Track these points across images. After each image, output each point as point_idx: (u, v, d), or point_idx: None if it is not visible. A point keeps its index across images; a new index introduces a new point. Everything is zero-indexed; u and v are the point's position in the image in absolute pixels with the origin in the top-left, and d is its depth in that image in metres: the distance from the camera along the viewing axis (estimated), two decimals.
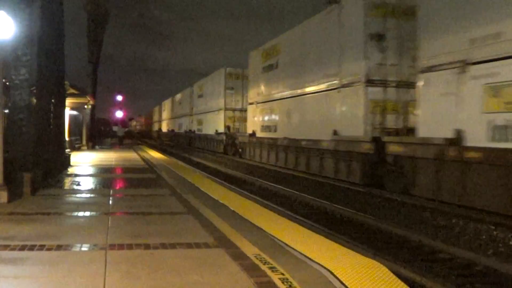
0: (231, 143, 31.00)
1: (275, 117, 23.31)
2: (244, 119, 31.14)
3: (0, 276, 4.59)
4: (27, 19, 10.36)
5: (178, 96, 56.57)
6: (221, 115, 34.13)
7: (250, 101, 27.53)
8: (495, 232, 9.14)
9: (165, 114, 68.71)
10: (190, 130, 46.30)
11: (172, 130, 58.27)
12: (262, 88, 25.21)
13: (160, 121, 74.49)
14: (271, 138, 23.06)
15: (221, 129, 33.56)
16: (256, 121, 26.15)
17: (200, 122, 42.41)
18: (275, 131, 22.92)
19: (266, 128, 24.53)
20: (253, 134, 26.16)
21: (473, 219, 10.02)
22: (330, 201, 12.91)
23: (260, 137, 24.98)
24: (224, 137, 32.41)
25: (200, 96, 42.56)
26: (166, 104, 67.75)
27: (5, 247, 5.62)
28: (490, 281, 6.64)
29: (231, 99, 33.20)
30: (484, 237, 9.00)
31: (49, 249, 5.58)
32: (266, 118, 24.65)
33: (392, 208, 11.93)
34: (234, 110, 33.32)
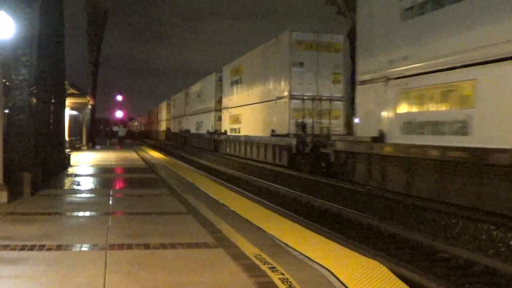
0: (311, 153, 19.97)
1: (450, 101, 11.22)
2: (322, 113, 21.62)
3: (0, 276, 4.60)
4: (27, 19, 10.36)
5: (196, 87, 44.85)
6: (281, 108, 22.38)
7: (364, 76, 15.07)
8: (495, 232, 9.14)
9: (176, 111, 57.80)
10: (216, 131, 35.44)
11: (187, 131, 47.54)
12: (406, 48, 12.95)
13: (168, 120, 64.37)
14: (459, 149, 10.62)
15: (282, 129, 22.11)
16: (386, 113, 13.81)
17: (236, 120, 30.48)
18: (468, 131, 10.67)
19: (423, 126, 12.11)
20: (379, 138, 13.83)
21: (473, 219, 10.02)
22: (329, 200, 12.89)
23: (411, 145, 12.26)
24: (293, 142, 20.59)
25: (235, 82, 30.72)
26: (177, 99, 56.71)
27: (5, 247, 5.62)
28: (490, 281, 6.64)
29: (299, 80, 21.45)
30: (484, 237, 9.00)
31: (49, 249, 5.58)
32: (424, 105, 12.12)
33: (392, 208, 11.91)
34: (303, 98, 21.47)
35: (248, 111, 27.92)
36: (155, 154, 28.68)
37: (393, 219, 10.77)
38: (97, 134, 44.55)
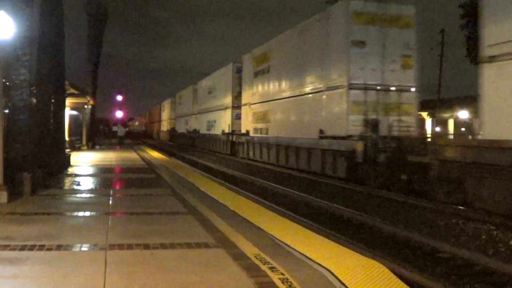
0: (388, 162, 14.80)
1: None
2: (389, 107, 16.40)
3: (0, 276, 4.60)
4: (27, 19, 10.36)
5: (207, 82, 39.16)
6: (334, 101, 17.13)
7: (497, 49, 10.69)
8: (495, 232, 9.14)
9: (182, 109, 53.01)
10: (233, 132, 30.38)
11: (195, 131, 42.82)
12: None
13: (173, 119, 59.42)
14: None
15: (336, 128, 16.89)
16: None
17: (262, 118, 24.85)
18: None
19: None
20: None
21: (473, 219, 10.02)
22: (330, 200, 12.89)
23: None
24: (358, 146, 15.24)
25: (261, 72, 25.00)
26: (184, 96, 51.71)
27: (5, 247, 5.62)
28: (490, 281, 6.64)
29: (361, 65, 16.27)
30: (484, 237, 9.00)
31: (49, 249, 5.58)
32: None
33: (392, 208, 11.91)
34: (366, 88, 16.23)
35: (280, 107, 22.38)
36: (154, 154, 28.63)
37: (393, 219, 10.77)
38: (97, 134, 44.24)
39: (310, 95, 19.06)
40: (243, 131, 28.08)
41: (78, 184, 12.12)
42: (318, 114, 18.39)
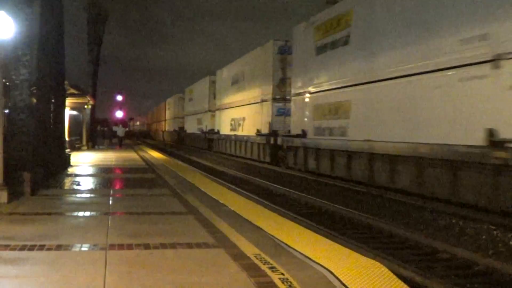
0: None
1: None
2: None
3: (0, 276, 4.60)
4: (27, 19, 10.37)
5: (230, 71, 31.44)
6: None
7: None
8: (495, 232, 9.14)
9: (193, 106, 45.47)
10: (275, 132, 22.16)
11: (212, 131, 35.67)
12: None
13: (180, 117, 52.72)
14: None
15: None
16: None
17: (335, 112, 16.54)
18: None
19: None
20: None
21: (473, 219, 10.02)
22: (330, 200, 12.88)
23: None
24: None
25: (333, 44, 16.85)
26: (195, 91, 44.46)
27: (5, 247, 5.62)
28: (490, 281, 6.64)
29: None
30: (484, 237, 9.00)
31: (49, 249, 5.59)
32: None
33: (392, 208, 11.91)
34: None
35: (372, 94, 14.46)
36: (153, 154, 28.61)
37: (393, 219, 10.77)
38: (97, 134, 44.14)
39: (454, 71, 11.03)
40: (295, 131, 19.79)
41: (78, 184, 12.13)
42: (479, 103, 10.45)
